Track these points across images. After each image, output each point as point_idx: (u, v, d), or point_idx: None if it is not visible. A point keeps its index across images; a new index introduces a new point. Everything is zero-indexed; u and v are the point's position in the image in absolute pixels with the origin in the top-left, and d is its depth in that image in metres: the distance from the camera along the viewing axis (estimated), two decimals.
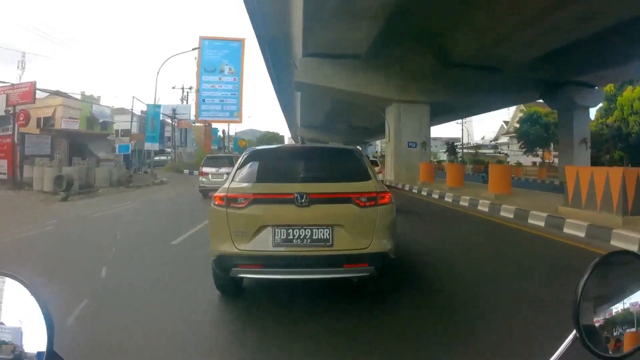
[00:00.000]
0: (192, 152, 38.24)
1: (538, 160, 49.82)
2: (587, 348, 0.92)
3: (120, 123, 56.99)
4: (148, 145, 25.75)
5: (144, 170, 26.69)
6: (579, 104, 27.08)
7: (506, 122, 73.76)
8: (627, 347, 0.95)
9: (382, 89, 21.66)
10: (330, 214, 3.75)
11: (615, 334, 0.95)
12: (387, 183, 22.01)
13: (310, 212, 3.70)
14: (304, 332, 3.45)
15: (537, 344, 3.03)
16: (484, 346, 3.21)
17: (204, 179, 14.76)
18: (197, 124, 47.51)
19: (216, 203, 3.94)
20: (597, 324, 0.95)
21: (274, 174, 4.25)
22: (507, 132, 68.46)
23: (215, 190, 4.72)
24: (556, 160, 44.01)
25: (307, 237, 3.67)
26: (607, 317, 0.95)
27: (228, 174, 16.01)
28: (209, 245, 3.95)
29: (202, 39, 46.01)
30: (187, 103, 38.98)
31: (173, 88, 38.21)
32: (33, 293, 0.88)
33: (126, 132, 60.05)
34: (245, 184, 4.07)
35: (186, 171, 33.21)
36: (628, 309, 0.95)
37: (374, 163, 39.15)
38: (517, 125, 58.56)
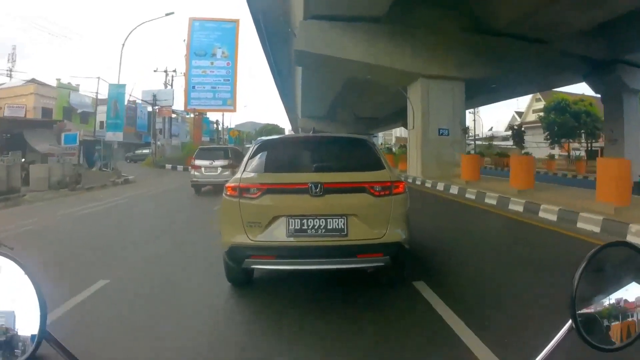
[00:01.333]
0: (177, 144, 33.59)
1: (556, 152, 45.63)
2: (582, 338, 0.92)
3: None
4: (110, 135, 20.81)
5: (110, 167, 22.17)
6: (630, 87, 22.60)
7: (519, 113, 69.45)
8: (622, 338, 0.95)
9: (407, 60, 17.13)
10: (345, 204, 3.69)
11: (610, 324, 0.95)
12: (409, 180, 17.56)
13: (324, 201, 3.63)
14: (314, 324, 3.36)
15: None
16: None
17: (196, 173, 13.63)
18: (190, 115, 43.03)
19: (228, 193, 3.86)
20: (592, 315, 0.95)
21: (286, 163, 4.22)
22: (523, 123, 63.82)
23: (209, 185, 8.72)
24: (575, 153, 40.33)
25: (322, 227, 3.61)
26: (602, 307, 0.95)
27: (223, 167, 12.59)
28: (221, 236, 3.88)
29: (192, 20, 41.27)
30: (171, 88, 34.14)
31: (155, 71, 33.04)
32: (27, 273, 0.86)
33: None
34: (257, 174, 4.01)
35: (168, 166, 28.74)
36: (624, 300, 0.95)
37: (389, 152, 34.46)
38: (537, 115, 54.36)
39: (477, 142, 63.32)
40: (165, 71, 33.43)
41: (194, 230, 7.85)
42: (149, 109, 33.05)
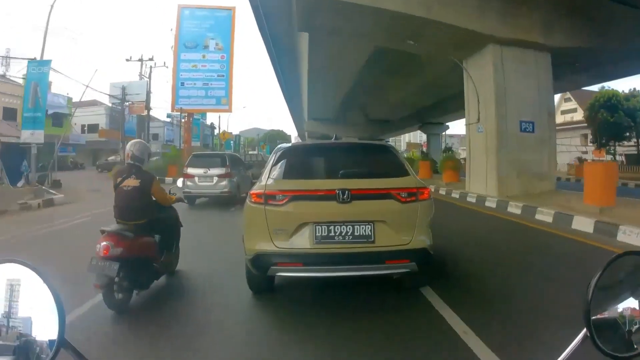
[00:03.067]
0: (157, 149, 27.73)
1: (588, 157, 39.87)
2: (597, 347, 0.92)
3: (88, 117, 47.39)
4: (26, 135, 14.42)
5: (49, 180, 16.19)
6: None
7: None
8: (637, 347, 0.94)
9: (473, 15, 11.20)
10: (372, 210, 3.68)
11: (625, 333, 0.94)
12: (472, 199, 11.51)
13: (351, 208, 3.62)
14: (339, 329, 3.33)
15: None
16: None
17: (189, 183, 11.84)
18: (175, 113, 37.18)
19: (253, 200, 3.82)
20: (607, 323, 0.95)
21: (310, 170, 4.27)
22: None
23: (204, 197, 8.76)
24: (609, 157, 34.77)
25: (349, 233, 3.59)
26: (617, 316, 0.95)
27: (220, 176, 11.86)
28: (244, 244, 3.86)
29: (181, 7, 35.65)
30: (147, 79, 28.10)
31: (128, 60, 27.18)
32: (45, 281, 0.86)
33: (93, 127, 50.42)
34: (283, 181, 3.94)
35: None
36: (638, 308, 0.95)
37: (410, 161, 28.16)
38: (577, 115, 48.69)
39: None
40: (141, 60, 27.30)
41: None
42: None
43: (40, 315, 0.85)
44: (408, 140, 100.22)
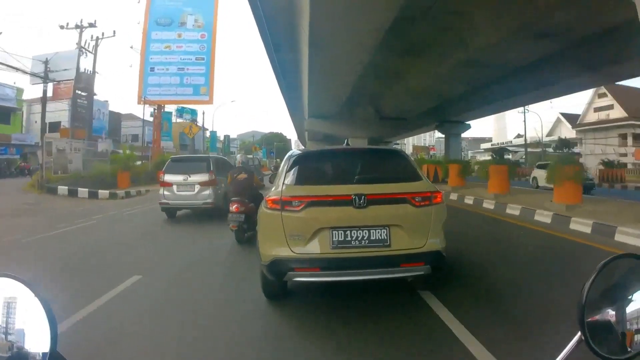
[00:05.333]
0: (106, 149, 20.69)
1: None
2: (591, 350, 0.93)
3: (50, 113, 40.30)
4: None
5: None
6: None
7: (567, 114, 57.42)
8: (632, 350, 0.95)
9: None
10: (388, 215, 3.76)
11: (619, 335, 0.95)
12: None
13: (367, 213, 3.70)
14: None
15: None
16: None
17: (166, 193, 10.41)
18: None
19: (269, 207, 3.88)
20: (602, 326, 0.95)
21: (324, 176, 4.36)
22: (579, 125, 51.44)
23: (184, 209, 9.18)
24: None
25: (365, 238, 3.68)
26: (612, 319, 0.96)
27: (202, 184, 10.36)
28: (260, 250, 3.92)
29: None
30: (78, 51, 20.60)
31: (62, 28, 20.17)
32: (36, 294, 0.86)
33: (55, 126, 43.30)
34: (298, 187, 4.00)
35: (63, 189, 15.83)
36: (633, 311, 0.95)
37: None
38: (615, 112, 42.54)
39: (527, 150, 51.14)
40: (79, 26, 20.00)
41: None
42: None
43: (32, 328, 0.86)
44: (415, 143, 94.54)
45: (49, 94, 20.12)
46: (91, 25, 19.36)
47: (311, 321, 3.75)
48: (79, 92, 21.33)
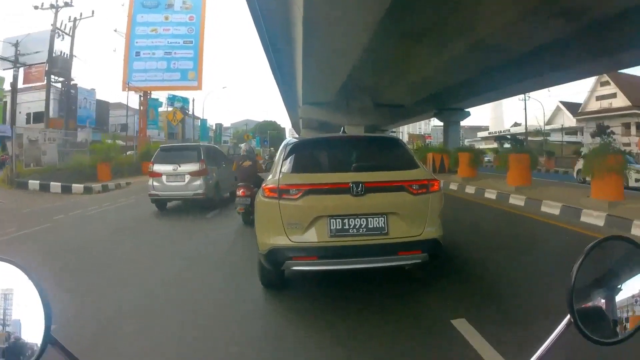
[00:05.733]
0: (85, 139, 19.25)
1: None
2: (581, 333, 0.93)
3: (34, 103, 38.57)
4: None
5: None
6: None
7: (567, 103, 56.62)
8: (621, 332, 0.95)
9: None
10: (385, 202, 3.75)
11: (609, 318, 0.95)
12: None
13: (365, 201, 3.68)
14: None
15: None
16: None
17: (155, 184, 10.00)
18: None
19: (266, 195, 3.84)
20: (591, 309, 0.95)
21: (321, 164, 4.32)
22: (581, 113, 50.54)
23: (175, 199, 9.33)
24: None
25: (363, 226, 3.66)
26: (601, 302, 0.96)
27: (192, 174, 9.96)
28: (257, 239, 3.90)
29: None
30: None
31: (37, 8, 18.58)
32: (31, 278, 0.85)
33: (40, 116, 41.65)
34: (295, 175, 3.96)
35: (35, 184, 14.52)
36: (622, 293, 0.95)
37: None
38: (618, 101, 41.55)
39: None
40: (55, 6, 18.28)
41: None
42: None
43: (27, 313, 0.84)
44: (411, 131, 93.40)
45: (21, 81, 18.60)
46: (67, 4, 17.71)
47: (310, 314, 3.69)
48: (55, 78, 19.77)
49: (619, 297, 0.94)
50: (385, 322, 3.42)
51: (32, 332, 0.84)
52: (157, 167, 10.13)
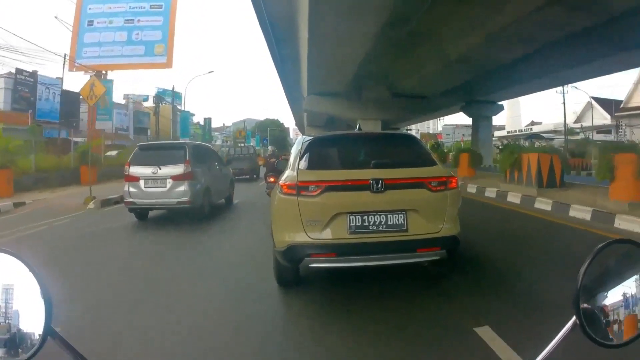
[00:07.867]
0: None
1: None
2: (586, 335, 0.92)
3: None
4: None
5: None
6: None
7: (599, 99, 51.32)
8: (626, 335, 0.95)
9: None
10: (405, 199, 3.75)
11: (614, 321, 0.95)
12: None
13: (385, 197, 3.68)
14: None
15: None
16: None
17: (132, 189, 8.68)
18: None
19: (284, 192, 3.81)
20: (597, 311, 0.95)
21: (339, 160, 4.31)
22: (623, 109, 44.88)
23: (156, 209, 8.49)
24: None
25: (382, 223, 3.64)
26: (607, 304, 0.95)
27: (175, 178, 8.75)
28: (273, 236, 3.92)
29: None
30: None
31: None
32: (31, 269, 0.85)
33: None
34: (314, 171, 3.94)
35: None
36: (628, 296, 0.95)
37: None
38: None
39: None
40: None
41: None
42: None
43: (28, 305, 0.84)
44: (417, 130, 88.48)
45: None
46: None
47: (320, 310, 3.71)
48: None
49: (625, 300, 0.94)
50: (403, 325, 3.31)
51: (33, 324, 0.83)
52: (134, 170, 8.80)
